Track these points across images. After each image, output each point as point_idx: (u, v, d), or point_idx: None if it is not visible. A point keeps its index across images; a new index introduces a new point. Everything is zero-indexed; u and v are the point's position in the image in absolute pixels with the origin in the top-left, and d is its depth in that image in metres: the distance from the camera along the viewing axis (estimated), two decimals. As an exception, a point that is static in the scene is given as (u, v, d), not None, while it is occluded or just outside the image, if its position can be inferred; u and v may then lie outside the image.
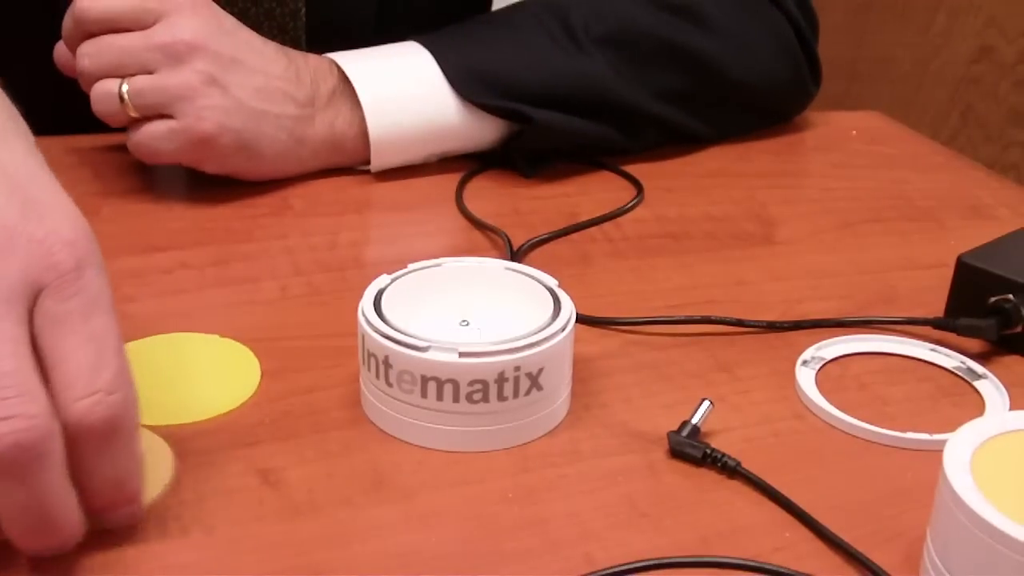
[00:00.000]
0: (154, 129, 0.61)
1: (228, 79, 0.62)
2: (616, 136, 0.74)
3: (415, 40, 0.70)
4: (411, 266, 0.49)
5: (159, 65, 0.61)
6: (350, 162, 0.70)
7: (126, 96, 0.61)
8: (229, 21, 0.64)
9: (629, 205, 0.68)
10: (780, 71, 0.79)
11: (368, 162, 0.69)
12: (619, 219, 0.67)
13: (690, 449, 0.43)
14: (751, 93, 0.78)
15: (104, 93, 0.61)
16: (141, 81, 0.61)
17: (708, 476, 0.43)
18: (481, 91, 0.69)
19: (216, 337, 0.51)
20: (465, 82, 0.69)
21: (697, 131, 0.78)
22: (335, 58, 0.68)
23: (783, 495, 0.41)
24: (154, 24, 0.61)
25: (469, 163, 0.72)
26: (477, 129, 0.71)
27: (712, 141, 0.79)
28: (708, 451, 0.43)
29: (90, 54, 0.61)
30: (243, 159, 0.64)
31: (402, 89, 0.68)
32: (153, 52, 0.60)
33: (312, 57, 0.68)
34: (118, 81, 0.61)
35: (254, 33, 0.65)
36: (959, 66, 1.78)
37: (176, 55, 0.60)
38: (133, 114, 0.61)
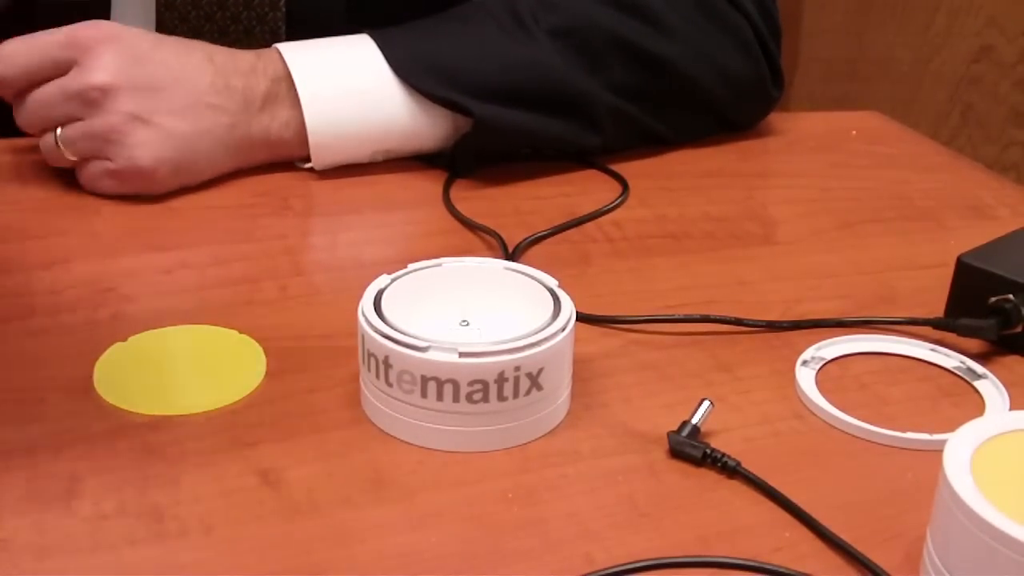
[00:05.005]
0: (94, 171, 0.63)
1: (150, 111, 0.62)
2: (575, 130, 0.72)
3: (366, 33, 0.69)
4: (411, 266, 0.49)
5: (81, 113, 0.62)
6: (291, 159, 0.69)
7: (60, 145, 0.62)
8: (144, 45, 0.63)
9: (615, 203, 0.68)
10: (739, 73, 0.77)
11: (309, 159, 0.68)
12: (619, 219, 0.67)
13: (690, 449, 0.43)
14: (709, 94, 0.77)
15: (44, 143, 0.63)
16: (70, 130, 0.62)
17: (708, 476, 0.43)
18: (427, 80, 0.68)
19: (223, 329, 0.51)
20: (410, 71, 0.67)
21: (657, 129, 0.77)
22: (281, 49, 0.67)
23: (783, 495, 0.41)
24: (69, 71, 0.61)
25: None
26: (424, 125, 0.69)
27: (674, 143, 0.78)
28: (708, 451, 0.43)
29: (19, 113, 0.63)
30: (185, 178, 0.65)
31: (345, 82, 0.67)
32: (70, 102, 0.61)
33: (247, 54, 0.67)
34: (53, 131, 0.63)
35: (175, 47, 0.65)
36: (959, 66, 1.78)
37: (92, 101, 0.61)
38: (72, 158, 0.63)
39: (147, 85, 0.62)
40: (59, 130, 0.62)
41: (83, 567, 0.37)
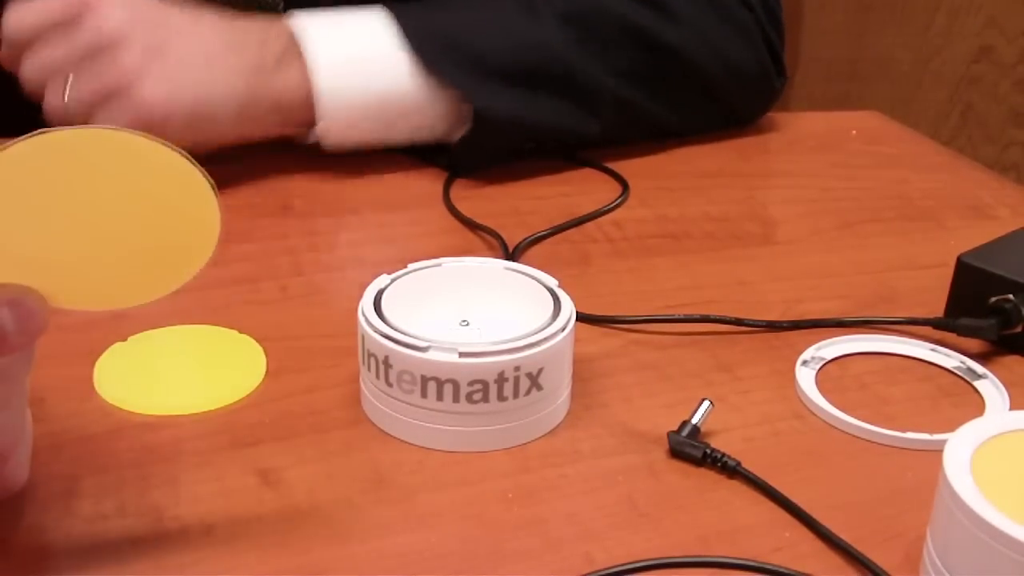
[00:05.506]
0: (107, 117, 0.60)
1: (165, 51, 0.61)
2: (575, 115, 0.72)
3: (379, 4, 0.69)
4: (411, 266, 0.49)
5: (90, 65, 0.60)
6: (296, 129, 0.69)
7: (69, 102, 0.60)
8: (155, 10, 0.62)
9: (615, 203, 0.68)
10: (744, 62, 0.78)
11: (314, 127, 0.68)
12: (619, 219, 0.67)
13: (690, 449, 0.43)
14: (714, 83, 0.77)
15: (50, 104, 0.61)
16: (79, 83, 0.60)
17: (708, 476, 0.43)
18: (438, 54, 0.68)
19: (222, 329, 0.51)
20: (423, 43, 0.67)
21: (660, 117, 0.77)
22: (294, 16, 0.67)
23: (783, 495, 0.41)
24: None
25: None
26: (428, 104, 0.69)
27: (677, 133, 0.78)
28: (708, 451, 0.43)
29: (27, 70, 0.62)
30: (197, 134, 0.62)
31: (355, 49, 0.67)
32: (79, 53, 0.60)
33: (260, 20, 0.66)
34: (61, 91, 0.60)
35: (187, 14, 0.64)
36: (959, 66, 1.79)
37: (102, 50, 0.60)
38: (80, 119, 0.60)
39: (158, 45, 0.61)
40: (68, 87, 0.60)
41: (83, 567, 0.37)
